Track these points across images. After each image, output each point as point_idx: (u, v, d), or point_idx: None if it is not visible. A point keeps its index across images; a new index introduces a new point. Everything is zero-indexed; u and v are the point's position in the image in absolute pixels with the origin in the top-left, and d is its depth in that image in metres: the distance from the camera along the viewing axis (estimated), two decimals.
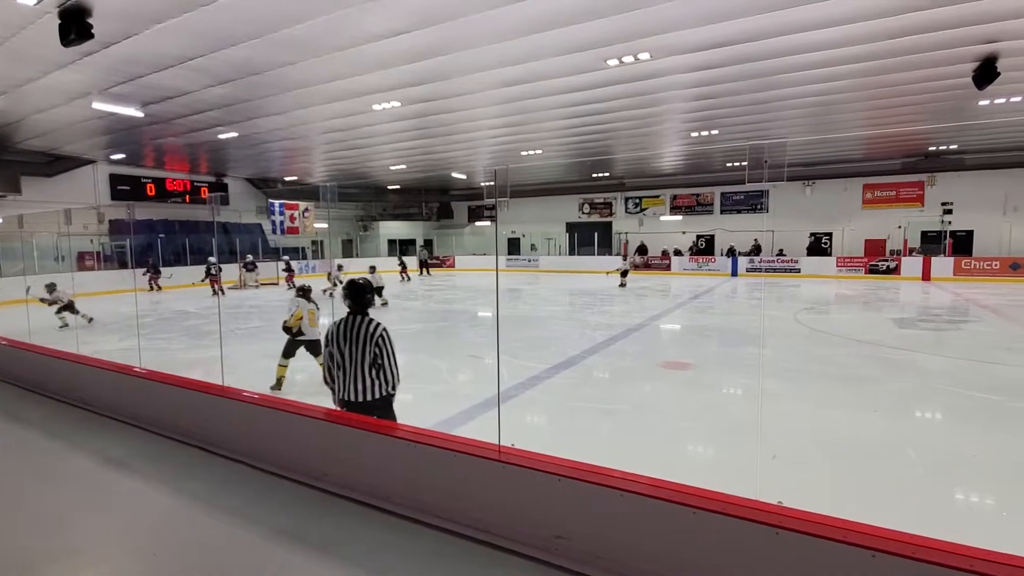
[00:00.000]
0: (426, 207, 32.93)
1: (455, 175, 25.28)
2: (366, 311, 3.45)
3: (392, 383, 3.41)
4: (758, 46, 8.98)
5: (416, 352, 8.39)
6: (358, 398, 3.34)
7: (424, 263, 25.85)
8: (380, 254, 28.49)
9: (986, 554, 1.78)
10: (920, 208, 22.34)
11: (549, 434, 5.16)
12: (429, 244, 31.58)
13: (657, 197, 27.65)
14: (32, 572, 2.62)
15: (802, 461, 4.35)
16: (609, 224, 28.89)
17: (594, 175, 26.27)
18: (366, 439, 3.19)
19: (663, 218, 27.24)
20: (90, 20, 7.17)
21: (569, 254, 28.09)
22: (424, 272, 25.42)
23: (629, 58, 9.48)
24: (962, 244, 21.35)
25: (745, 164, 22.34)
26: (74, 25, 7.05)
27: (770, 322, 11.42)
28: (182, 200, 22.89)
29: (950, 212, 21.77)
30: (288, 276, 19.05)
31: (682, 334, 10.77)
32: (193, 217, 23.48)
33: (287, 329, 6.20)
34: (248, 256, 20.05)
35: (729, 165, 23.50)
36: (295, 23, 7.80)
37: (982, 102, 12.50)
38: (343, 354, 3.34)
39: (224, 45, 8.65)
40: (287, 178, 25.46)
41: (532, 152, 19.12)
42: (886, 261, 20.85)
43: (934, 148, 20.09)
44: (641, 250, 25.57)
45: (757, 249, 24.19)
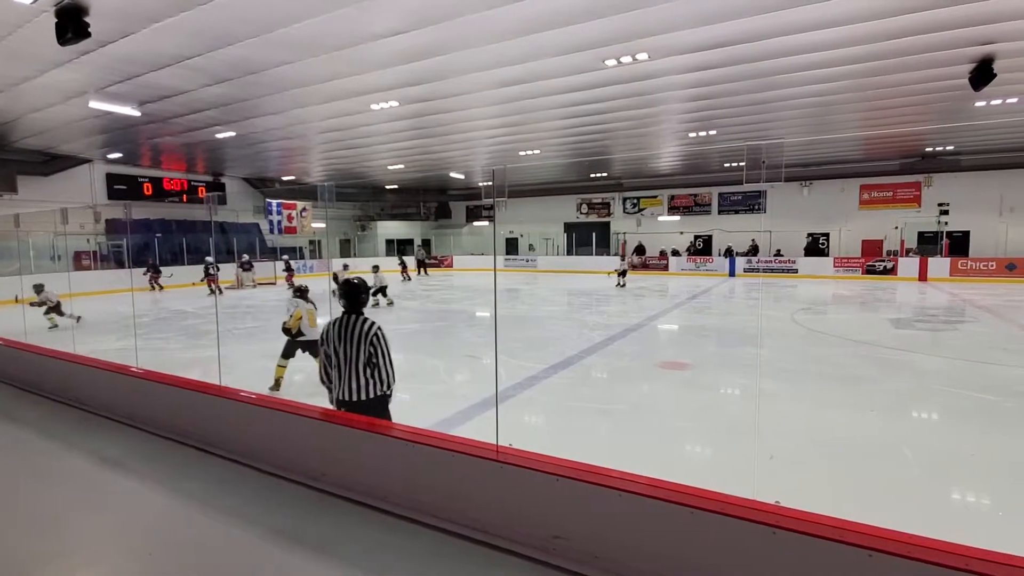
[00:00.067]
0: (424, 207, 32.91)
1: (453, 175, 25.26)
2: (361, 310, 3.45)
3: (387, 382, 3.42)
4: (756, 47, 8.99)
5: (414, 352, 8.39)
6: (353, 397, 3.35)
7: (421, 263, 25.84)
8: (378, 254, 28.42)
9: (983, 554, 1.78)
10: (917, 209, 22.42)
11: (547, 434, 5.16)
12: (427, 244, 31.56)
13: (655, 197, 27.70)
14: (28, 572, 2.61)
15: (799, 461, 4.36)
16: (607, 224, 28.91)
17: (592, 175, 26.28)
18: (364, 439, 3.18)
19: (661, 218, 27.28)
20: (87, 19, 7.14)
21: (567, 254, 28.10)
22: (421, 272, 25.41)
23: (627, 58, 9.48)
24: (958, 245, 21.44)
25: (743, 164, 22.40)
26: (71, 24, 7.03)
27: (767, 322, 11.44)
28: (179, 200, 22.78)
29: (947, 213, 21.85)
30: (288, 276, 19.01)
31: (680, 334, 10.78)
32: (190, 217, 23.40)
33: (287, 330, 6.18)
34: (244, 256, 20.00)
35: (727, 165, 23.56)
36: (293, 22, 7.78)
37: (979, 103, 12.55)
38: (338, 353, 3.35)
39: (221, 44, 8.63)
40: (284, 178, 25.38)
41: (530, 152, 19.10)
42: (883, 261, 20.91)
43: (931, 149, 20.16)
44: (639, 250, 25.61)
45: (755, 249, 24.26)
